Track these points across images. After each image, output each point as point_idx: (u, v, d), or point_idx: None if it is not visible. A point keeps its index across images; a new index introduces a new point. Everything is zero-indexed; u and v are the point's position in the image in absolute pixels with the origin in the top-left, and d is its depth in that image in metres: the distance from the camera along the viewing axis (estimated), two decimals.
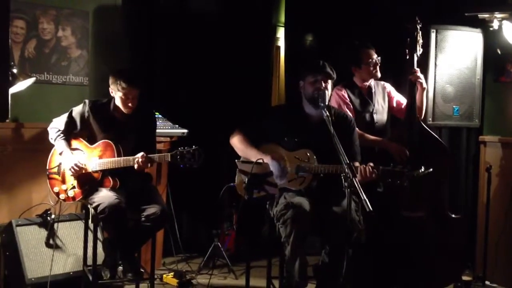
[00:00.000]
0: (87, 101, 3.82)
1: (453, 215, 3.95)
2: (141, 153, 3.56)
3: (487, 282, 4.17)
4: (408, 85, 3.94)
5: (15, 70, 3.87)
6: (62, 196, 3.76)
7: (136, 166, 3.57)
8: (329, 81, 3.54)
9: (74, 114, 3.79)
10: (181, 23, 4.98)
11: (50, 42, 4.35)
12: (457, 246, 3.95)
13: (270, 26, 5.72)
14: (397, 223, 3.87)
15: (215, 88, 5.07)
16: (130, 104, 3.71)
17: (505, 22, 4.01)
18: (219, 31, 5.08)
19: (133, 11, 4.74)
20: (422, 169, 3.26)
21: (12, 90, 3.76)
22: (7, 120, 3.89)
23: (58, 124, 3.79)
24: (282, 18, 5.83)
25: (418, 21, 3.90)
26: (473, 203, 4.56)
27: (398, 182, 3.27)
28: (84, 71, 4.51)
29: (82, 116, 3.78)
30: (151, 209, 3.62)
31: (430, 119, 4.13)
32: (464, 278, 4.14)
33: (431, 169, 3.27)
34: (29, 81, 3.94)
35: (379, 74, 4.05)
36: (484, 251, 4.16)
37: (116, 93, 3.71)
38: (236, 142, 3.68)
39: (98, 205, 3.54)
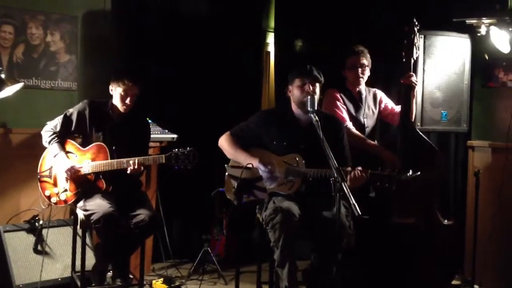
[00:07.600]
0: (86, 100, 3.82)
1: (446, 221, 3.96)
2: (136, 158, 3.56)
3: (475, 286, 4.19)
4: (403, 89, 3.94)
5: (3, 75, 3.83)
6: (53, 199, 3.74)
7: (128, 170, 3.55)
8: (317, 85, 3.54)
9: (69, 113, 3.78)
10: (171, 28, 4.98)
11: (39, 47, 4.33)
12: (448, 252, 3.96)
13: (260, 31, 5.73)
14: (388, 229, 3.87)
15: (205, 93, 5.07)
16: (128, 102, 3.70)
17: (492, 28, 4.03)
18: (209, 36, 5.08)
19: (122, 16, 4.73)
20: (410, 173, 3.27)
21: (0, 95, 3.74)
22: None
23: (52, 125, 3.77)
24: (272, 24, 5.84)
25: (416, 24, 3.90)
26: (462, 207, 4.58)
27: (386, 185, 3.29)
28: (73, 76, 4.49)
29: (80, 113, 3.75)
30: (140, 216, 3.60)
31: (418, 124, 4.14)
32: (453, 282, 4.15)
33: (418, 173, 3.29)
34: (17, 86, 3.91)
35: (363, 81, 4.05)
36: (473, 255, 4.17)
37: (116, 89, 3.70)
38: (225, 144, 3.69)
39: (92, 214, 3.52)
